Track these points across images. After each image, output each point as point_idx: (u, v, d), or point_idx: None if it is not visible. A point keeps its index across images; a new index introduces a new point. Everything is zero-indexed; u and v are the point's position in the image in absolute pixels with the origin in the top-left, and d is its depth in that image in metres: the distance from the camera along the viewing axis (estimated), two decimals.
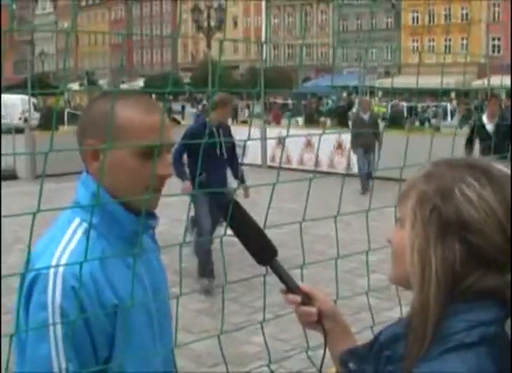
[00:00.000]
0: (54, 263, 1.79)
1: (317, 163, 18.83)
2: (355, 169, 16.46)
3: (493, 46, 66.58)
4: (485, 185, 1.40)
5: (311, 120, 38.84)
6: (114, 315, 1.83)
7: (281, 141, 20.11)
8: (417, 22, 74.42)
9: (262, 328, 2.32)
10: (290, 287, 1.83)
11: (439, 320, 1.37)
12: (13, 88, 39.81)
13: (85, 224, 1.87)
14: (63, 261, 1.79)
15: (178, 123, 28.69)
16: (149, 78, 77.66)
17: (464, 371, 1.31)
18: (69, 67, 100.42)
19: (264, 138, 20.18)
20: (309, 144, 19.34)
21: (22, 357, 1.83)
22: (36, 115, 30.87)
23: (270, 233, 1.97)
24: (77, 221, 1.89)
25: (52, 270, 1.78)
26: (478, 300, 1.38)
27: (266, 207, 2.06)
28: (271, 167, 20.14)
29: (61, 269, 1.78)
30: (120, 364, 1.84)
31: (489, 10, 66.49)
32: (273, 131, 20.82)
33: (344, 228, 11.17)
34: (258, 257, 1.83)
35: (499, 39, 65.92)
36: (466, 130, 29.75)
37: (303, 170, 18.42)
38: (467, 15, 70.41)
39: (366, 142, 15.94)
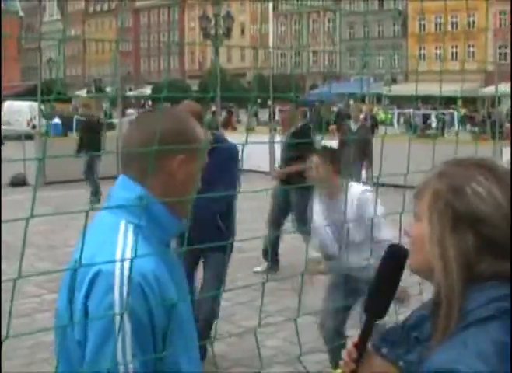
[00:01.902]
0: (118, 264, 1.86)
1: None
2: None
3: (500, 54, 66.59)
4: (493, 182, 1.57)
5: (321, 128, 38.85)
6: (170, 312, 1.91)
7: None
8: (424, 29, 74.48)
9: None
10: (361, 348, 1.83)
11: (462, 300, 1.51)
12: (21, 95, 39.81)
13: (132, 226, 1.95)
14: (127, 260, 1.86)
15: None
16: (156, 85, 77.81)
17: (486, 341, 1.44)
18: (77, 74, 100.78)
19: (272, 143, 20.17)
20: None
21: (73, 359, 1.90)
22: (44, 122, 30.93)
23: (282, 239, 2.05)
24: (123, 223, 1.96)
25: (118, 270, 1.85)
26: (490, 280, 1.53)
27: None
28: None
29: (126, 268, 1.84)
30: (175, 355, 1.93)
31: (495, 18, 66.52)
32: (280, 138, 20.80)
33: None
34: (371, 308, 1.81)
35: (505, 46, 65.93)
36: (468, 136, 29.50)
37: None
38: (473, 22, 70.44)
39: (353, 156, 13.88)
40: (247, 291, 7.92)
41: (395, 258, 1.77)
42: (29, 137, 23.22)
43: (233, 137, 7.11)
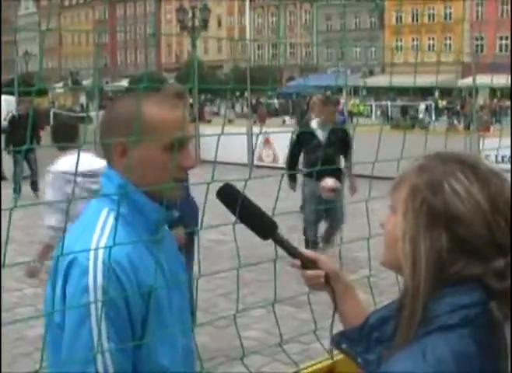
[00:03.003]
0: (93, 247, 1.88)
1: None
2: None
3: (476, 45, 66.87)
4: (473, 180, 1.49)
5: (302, 120, 38.87)
6: (148, 296, 1.92)
7: (267, 141, 20.16)
8: (400, 21, 74.66)
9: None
10: (293, 254, 1.96)
11: (427, 303, 1.47)
12: None
13: (113, 213, 1.95)
14: (101, 245, 1.88)
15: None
16: (133, 78, 77.41)
17: (446, 351, 1.40)
18: (53, 67, 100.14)
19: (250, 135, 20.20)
20: None
21: (58, 342, 1.91)
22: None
23: None
24: (105, 210, 1.98)
25: (92, 255, 1.87)
26: (461, 284, 1.48)
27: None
28: (257, 166, 20.20)
29: (100, 253, 1.87)
30: (152, 343, 1.94)
31: (471, 9, 66.80)
32: (258, 131, 20.86)
33: None
34: (261, 232, 1.96)
35: (482, 38, 66.24)
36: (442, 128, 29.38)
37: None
38: (450, 14, 70.69)
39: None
40: (226, 283, 7.98)
41: (226, 194, 1.96)
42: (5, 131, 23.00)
43: (210, 130, 7.12)
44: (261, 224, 1.96)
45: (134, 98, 2.07)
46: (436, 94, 56.91)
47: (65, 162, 5.31)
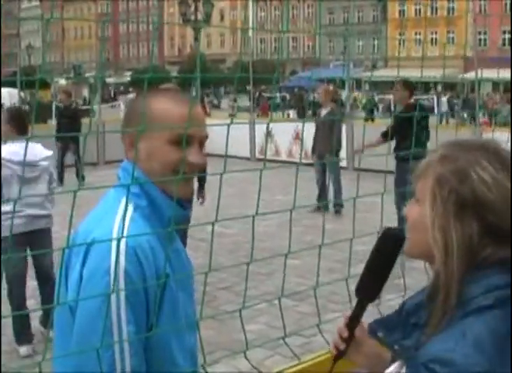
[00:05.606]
0: (115, 232, 1.91)
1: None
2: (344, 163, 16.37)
3: (479, 39, 66.70)
4: (499, 167, 1.55)
5: (304, 113, 39.03)
6: (164, 285, 1.95)
7: (269, 134, 20.13)
8: (403, 15, 74.51)
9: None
10: (355, 318, 1.86)
11: (461, 288, 1.51)
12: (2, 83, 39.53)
13: (132, 203, 1.99)
14: (124, 230, 1.90)
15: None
16: (136, 71, 77.39)
17: (483, 330, 1.44)
18: (55, 60, 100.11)
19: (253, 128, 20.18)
20: (297, 136, 19.40)
21: (67, 326, 1.92)
22: (24, 108, 30.65)
23: (259, 225, 2.09)
24: (124, 199, 1.97)
25: (114, 237, 1.89)
26: (492, 267, 1.53)
27: (255, 199, 2.18)
28: (259, 159, 20.19)
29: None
30: (164, 333, 1.96)
31: (475, 3, 66.58)
32: (261, 124, 20.89)
33: (334, 218, 11.27)
34: (363, 289, 1.82)
35: (484, 33, 66.07)
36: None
37: (291, 162, 18.21)
38: (453, 8, 70.52)
39: (320, 147, 12.38)
40: (227, 277, 7.97)
41: (392, 242, 1.74)
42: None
43: (211, 123, 7.04)
44: (376, 284, 1.80)
45: (147, 94, 2.11)
46: (439, 88, 56.75)
47: (5, 150, 5.86)
